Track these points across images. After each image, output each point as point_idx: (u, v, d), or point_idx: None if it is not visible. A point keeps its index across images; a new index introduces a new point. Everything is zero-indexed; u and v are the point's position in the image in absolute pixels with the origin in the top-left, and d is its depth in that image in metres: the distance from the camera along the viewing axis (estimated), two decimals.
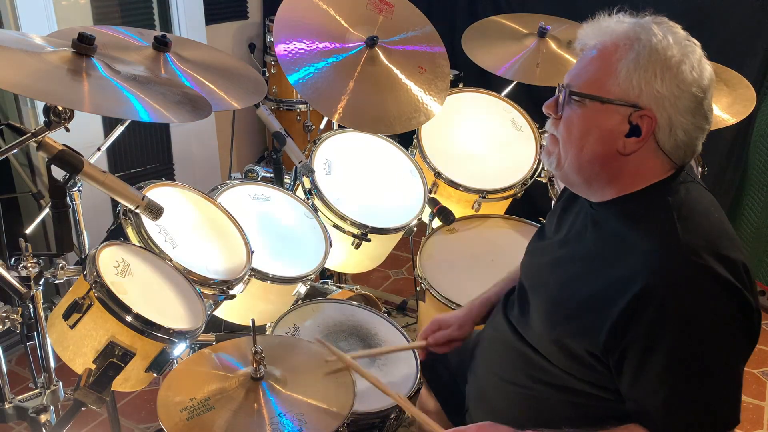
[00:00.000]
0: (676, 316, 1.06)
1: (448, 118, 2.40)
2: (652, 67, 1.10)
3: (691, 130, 1.13)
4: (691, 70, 1.10)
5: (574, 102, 1.17)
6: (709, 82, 1.13)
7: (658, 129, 1.11)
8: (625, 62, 1.11)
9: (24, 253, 1.46)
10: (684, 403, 1.10)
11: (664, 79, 1.09)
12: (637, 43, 1.11)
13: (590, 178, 1.20)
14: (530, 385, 1.28)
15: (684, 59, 1.10)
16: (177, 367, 1.43)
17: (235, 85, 1.96)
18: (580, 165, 1.19)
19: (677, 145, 1.13)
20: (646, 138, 1.12)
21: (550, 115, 1.22)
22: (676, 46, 1.11)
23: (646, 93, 1.10)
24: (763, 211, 2.99)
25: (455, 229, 2.26)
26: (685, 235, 1.09)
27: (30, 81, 1.32)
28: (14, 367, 2.53)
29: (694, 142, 1.14)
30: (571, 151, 1.19)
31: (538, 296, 1.30)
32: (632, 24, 1.15)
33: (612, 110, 1.13)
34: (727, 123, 2.29)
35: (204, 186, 1.98)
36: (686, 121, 1.11)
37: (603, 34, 1.16)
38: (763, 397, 2.54)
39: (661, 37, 1.11)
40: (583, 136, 1.16)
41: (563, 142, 1.20)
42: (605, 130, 1.14)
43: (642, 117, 1.11)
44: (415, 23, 2.38)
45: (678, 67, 1.10)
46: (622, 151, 1.14)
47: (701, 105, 1.12)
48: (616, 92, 1.12)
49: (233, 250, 1.81)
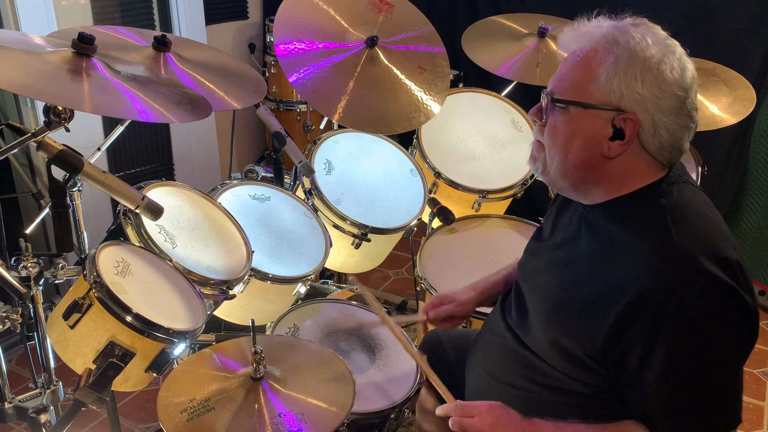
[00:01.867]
0: (673, 318, 1.06)
1: (448, 118, 2.40)
2: (632, 69, 1.10)
3: (676, 130, 1.12)
4: (671, 70, 1.10)
5: (557, 108, 1.17)
6: (691, 80, 1.12)
7: (642, 131, 1.12)
8: (605, 66, 1.11)
9: (24, 253, 1.46)
10: (684, 404, 1.10)
11: (644, 81, 1.10)
12: (616, 46, 1.11)
13: (577, 182, 1.20)
14: (528, 387, 1.28)
15: (663, 59, 1.10)
16: (177, 367, 1.43)
17: (235, 85, 1.96)
18: (565, 170, 1.19)
19: (662, 146, 1.13)
20: (630, 141, 1.12)
21: (536, 121, 1.23)
22: (654, 47, 1.11)
23: (627, 96, 1.10)
24: (763, 211, 2.99)
25: (455, 229, 2.26)
26: (679, 237, 1.10)
27: (30, 81, 1.32)
28: (14, 367, 2.53)
29: (679, 142, 1.14)
30: (556, 157, 1.19)
31: (535, 298, 1.30)
32: (610, 27, 1.15)
33: (595, 115, 1.13)
34: (727, 123, 2.28)
35: (204, 186, 1.98)
36: (669, 121, 1.11)
37: (582, 39, 1.16)
38: (763, 397, 2.54)
39: (639, 39, 1.11)
40: (568, 142, 1.17)
41: (548, 148, 1.21)
42: (589, 135, 1.14)
43: (625, 120, 1.11)
44: (415, 23, 2.38)
45: (658, 67, 1.10)
46: (607, 154, 1.14)
47: (684, 104, 1.12)
48: (597, 97, 1.12)
49: (233, 250, 1.80)
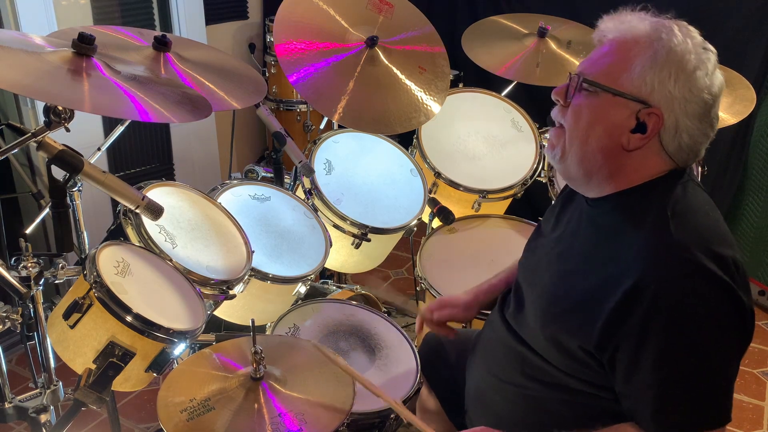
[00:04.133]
0: (666, 312, 1.07)
1: (448, 118, 2.40)
2: (668, 67, 1.11)
3: (697, 135, 1.14)
4: (704, 76, 1.12)
5: (585, 90, 1.17)
6: (719, 90, 1.14)
7: (663, 129, 1.12)
8: (642, 59, 1.12)
9: (24, 253, 1.46)
10: (675, 398, 1.10)
11: (677, 81, 1.11)
12: (658, 42, 1.12)
13: (591, 171, 1.20)
14: (527, 384, 1.28)
15: (699, 65, 1.11)
16: (177, 367, 1.43)
17: (235, 85, 1.96)
18: (583, 155, 1.19)
19: (681, 148, 1.14)
20: (650, 136, 1.13)
21: (558, 101, 1.23)
22: (693, 51, 1.12)
23: (658, 92, 1.11)
24: (763, 211, 2.99)
25: (455, 229, 2.26)
26: (677, 231, 1.10)
27: (30, 81, 1.32)
28: (14, 367, 2.53)
29: (697, 147, 1.16)
30: (576, 141, 1.19)
31: (534, 293, 1.30)
32: (654, 23, 1.16)
33: (622, 103, 1.14)
34: (727, 123, 2.29)
35: (204, 186, 1.98)
36: (692, 125, 1.13)
37: (623, 29, 1.17)
38: (763, 397, 2.54)
39: (681, 40, 1.12)
40: (590, 126, 1.17)
41: (569, 131, 1.20)
42: (612, 123, 1.15)
43: (650, 114, 1.12)
44: (415, 23, 2.38)
45: (693, 72, 1.11)
46: (626, 146, 1.15)
47: (709, 112, 1.13)
48: (628, 86, 1.13)
49: (233, 250, 1.80)
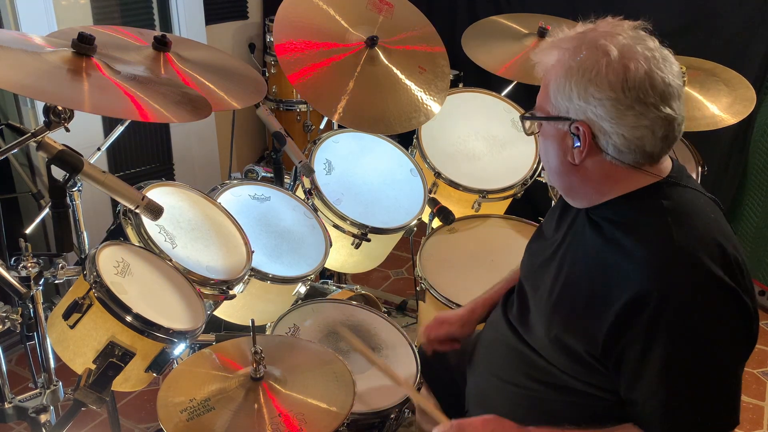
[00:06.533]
0: (672, 318, 1.06)
1: (448, 118, 2.40)
2: (567, 83, 1.13)
3: (629, 132, 1.11)
4: (606, 74, 1.09)
5: (534, 124, 1.25)
6: (641, 77, 1.08)
7: (596, 137, 1.14)
8: (553, 82, 1.16)
9: (24, 253, 1.46)
10: (682, 404, 1.10)
11: (579, 90, 1.12)
12: (558, 63, 1.16)
13: (564, 187, 1.26)
14: (530, 385, 1.28)
15: (595, 66, 1.10)
16: (177, 367, 1.43)
17: (235, 85, 1.96)
18: (552, 177, 1.27)
19: (619, 150, 1.13)
20: (585, 147, 1.15)
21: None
22: (588, 55, 1.11)
23: (572, 108, 1.14)
24: (763, 211, 2.99)
25: (455, 229, 2.26)
26: (679, 237, 1.10)
27: (30, 81, 1.32)
28: (14, 367, 2.53)
29: (642, 142, 1.11)
30: (545, 164, 1.28)
31: (537, 296, 1.30)
32: (572, 38, 1.17)
33: (556, 126, 1.18)
34: (727, 123, 2.28)
35: (204, 186, 1.98)
36: (617, 124, 1.10)
37: (545, 60, 1.21)
38: (763, 397, 2.54)
39: (572, 52, 1.13)
40: (546, 151, 1.24)
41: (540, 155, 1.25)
42: (557, 145, 1.20)
43: (577, 128, 1.14)
44: (415, 23, 2.38)
45: (591, 76, 1.10)
46: (573, 161, 1.18)
47: (632, 106, 1.09)
48: (553, 110, 1.18)
49: (233, 250, 1.80)
